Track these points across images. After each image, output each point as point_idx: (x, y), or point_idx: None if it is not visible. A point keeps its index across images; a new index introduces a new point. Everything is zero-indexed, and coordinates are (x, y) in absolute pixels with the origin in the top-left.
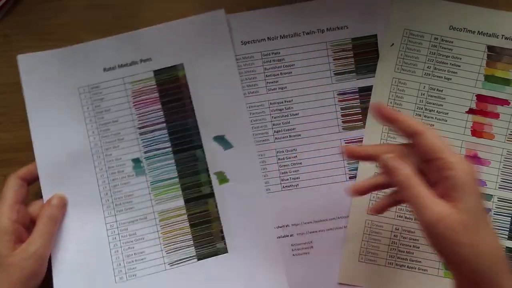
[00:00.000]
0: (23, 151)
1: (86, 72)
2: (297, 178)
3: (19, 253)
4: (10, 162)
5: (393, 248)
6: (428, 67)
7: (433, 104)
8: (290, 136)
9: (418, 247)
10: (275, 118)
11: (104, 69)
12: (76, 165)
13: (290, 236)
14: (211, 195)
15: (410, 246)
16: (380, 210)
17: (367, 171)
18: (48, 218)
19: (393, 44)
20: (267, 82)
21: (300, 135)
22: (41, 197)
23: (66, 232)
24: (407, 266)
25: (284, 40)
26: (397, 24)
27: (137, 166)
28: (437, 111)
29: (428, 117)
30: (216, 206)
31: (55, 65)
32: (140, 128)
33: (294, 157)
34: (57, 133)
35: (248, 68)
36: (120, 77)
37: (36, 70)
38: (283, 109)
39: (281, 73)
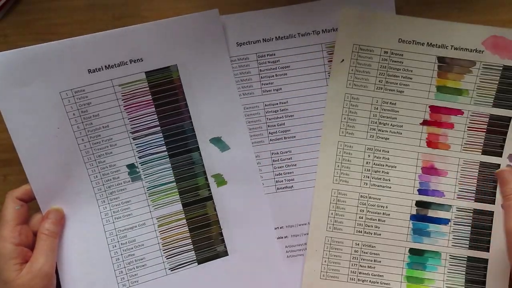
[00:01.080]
0: None
1: (67, 74)
2: (292, 179)
3: (25, 274)
4: (10, 162)
5: (354, 264)
6: (379, 81)
7: (387, 117)
8: (285, 138)
9: (380, 261)
10: (270, 119)
11: (89, 71)
12: (69, 175)
13: (285, 237)
14: (209, 198)
15: (372, 260)
16: None
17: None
18: (46, 235)
19: (343, 60)
20: (262, 84)
21: (295, 136)
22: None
23: (68, 244)
24: (369, 281)
25: (279, 41)
26: (346, 39)
27: (132, 172)
28: (391, 124)
29: (382, 131)
30: (215, 209)
31: (29, 66)
32: (133, 132)
33: (289, 158)
34: (44, 144)
35: (243, 70)
36: (108, 79)
37: (7, 72)
38: (278, 110)
39: (276, 74)
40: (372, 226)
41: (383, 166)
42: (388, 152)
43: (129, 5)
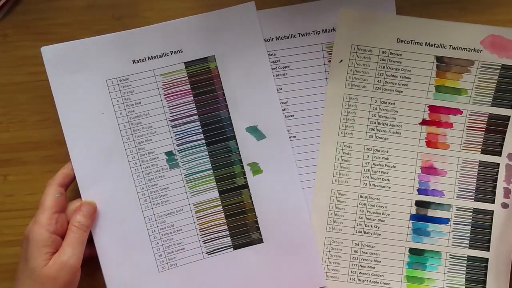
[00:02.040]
0: (23, 151)
1: (114, 64)
2: None
3: (51, 264)
4: (10, 162)
5: (354, 264)
6: (378, 81)
7: (386, 117)
8: None
9: (380, 261)
10: None
11: (133, 61)
12: (110, 161)
13: None
14: (245, 186)
15: (371, 260)
16: None
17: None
18: (76, 227)
19: (341, 60)
20: None
21: (295, 136)
22: (79, 195)
23: (108, 229)
24: (370, 281)
25: (279, 41)
26: (344, 40)
27: (170, 159)
28: (390, 124)
29: (382, 131)
30: (251, 197)
31: (80, 56)
32: (172, 120)
33: None
34: (89, 128)
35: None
36: (150, 69)
37: (61, 61)
38: None
39: (276, 74)
40: (371, 226)
41: (383, 166)
42: (387, 152)
43: (129, 5)
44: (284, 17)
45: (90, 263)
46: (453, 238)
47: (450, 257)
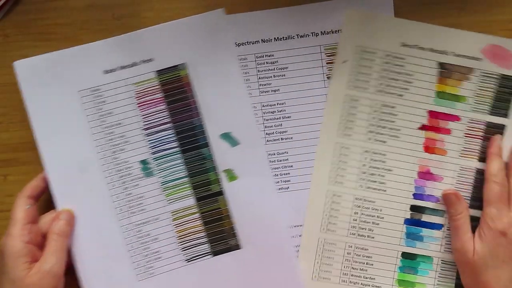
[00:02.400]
0: (23, 151)
1: (85, 75)
2: (288, 181)
3: (34, 273)
4: (10, 162)
5: (347, 266)
6: (380, 84)
7: (386, 120)
8: (281, 139)
9: (372, 264)
10: (267, 120)
11: (105, 71)
12: (85, 171)
13: None
14: (221, 193)
15: (364, 263)
16: None
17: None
18: (58, 235)
19: (345, 61)
20: (260, 84)
21: (292, 138)
22: (54, 207)
23: (85, 240)
24: (361, 283)
25: (278, 42)
26: (349, 41)
27: (145, 168)
28: (389, 128)
29: (380, 134)
30: (227, 204)
31: (52, 69)
32: (145, 129)
33: (286, 160)
34: (63, 140)
35: (241, 70)
36: (122, 78)
37: (34, 75)
38: (275, 111)
39: (274, 75)
40: (365, 229)
41: (379, 169)
42: (385, 155)
43: (129, 5)
44: (282, 18)
45: (73, 270)
46: (446, 243)
47: (442, 263)
